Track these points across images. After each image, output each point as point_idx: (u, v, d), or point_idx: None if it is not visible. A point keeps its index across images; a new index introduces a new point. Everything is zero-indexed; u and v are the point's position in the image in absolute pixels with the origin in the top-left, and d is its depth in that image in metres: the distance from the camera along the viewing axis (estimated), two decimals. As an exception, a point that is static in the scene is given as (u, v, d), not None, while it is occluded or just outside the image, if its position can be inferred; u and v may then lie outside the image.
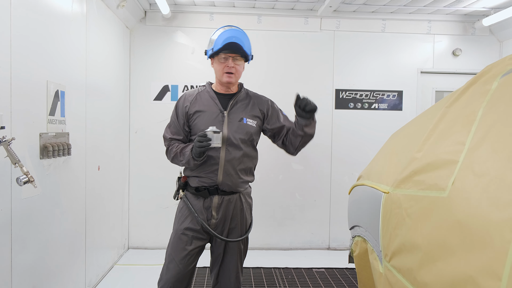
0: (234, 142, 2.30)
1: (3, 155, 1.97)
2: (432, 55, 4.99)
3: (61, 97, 2.80)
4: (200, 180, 2.32)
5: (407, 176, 1.70)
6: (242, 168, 2.35)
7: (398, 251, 1.60)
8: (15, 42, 2.21)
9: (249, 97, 2.47)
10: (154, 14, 4.67)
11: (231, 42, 2.24)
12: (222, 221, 2.35)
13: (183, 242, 2.32)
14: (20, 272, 2.30)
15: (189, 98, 2.41)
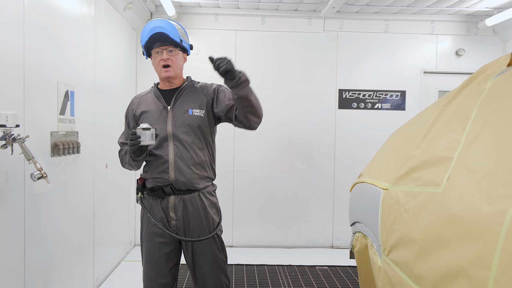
0: (180, 136, 2.18)
1: (17, 152, 2.05)
2: (435, 55, 5.03)
3: (71, 97, 2.88)
4: (154, 180, 2.22)
5: (405, 173, 1.76)
6: (196, 163, 2.20)
7: (396, 245, 1.67)
8: (28, 45, 2.30)
9: (194, 88, 2.32)
10: (160, 16, 4.75)
11: (156, 33, 2.12)
12: (182, 221, 2.20)
13: (151, 250, 2.24)
14: (32, 265, 2.39)
15: (135, 101, 2.35)
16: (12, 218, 2.17)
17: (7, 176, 2.10)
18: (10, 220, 2.15)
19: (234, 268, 4.17)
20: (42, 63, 2.48)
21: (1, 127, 1.83)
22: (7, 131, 1.85)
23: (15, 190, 2.18)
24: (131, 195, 4.68)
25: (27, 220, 2.32)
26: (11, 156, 2.06)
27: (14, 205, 2.18)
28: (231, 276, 3.95)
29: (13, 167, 2.16)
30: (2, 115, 1.82)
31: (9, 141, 1.87)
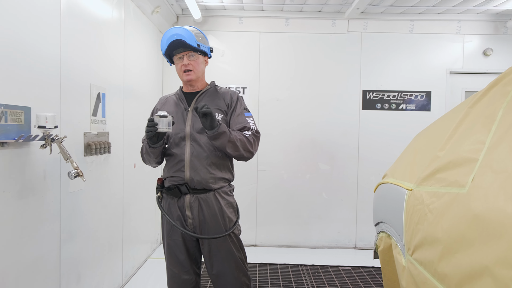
0: (197, 137, 2.25)
1: (55, 152, 2.16)
2: (462, 55, 4.98)
3: (102, 99, 3.00)
4: (171, 179, 2.29)
5: (429, 174, 1.79)
6: (211, 163, 2.26)
7: (420, 245, 1.69)
8: (64, 48, 2.41)
9: (216, 92, 2.42)
10: (186, 19, 4.85)
11: (174, 40, 2.23)
12: (198, 220, 2.26)
13: (172, 248, 2.31)
14: (67, 260, 2.50)
15: (161, 101, 2.48)
16: (49, 215, 2.28)
17: (44, 175, 2.21)
18: (47, 216, 2.26)
19: (257, 267, 4.23)
20: (76, 66, 2.59)
21: (41, 128, 1.94)
22: (46, 132, 1.96)
23: (51, 188, 2.30)
24: (158, 194, 4.79)
25: (62, 216, 2.44)
26: (48, 156, 2.17)
27: (51, 202, 2.29)
28: (255, 275, 4.01)
29: (50, 166, 2.27)
30: (42, 117, 1.93)
31: (48, 141, 1.98)
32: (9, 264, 1.94)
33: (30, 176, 2.07)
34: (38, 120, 1.93)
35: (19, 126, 1.91)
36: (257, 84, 4.93)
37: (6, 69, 1.88)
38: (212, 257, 2.28)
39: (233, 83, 4.81)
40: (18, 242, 2.00)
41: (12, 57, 1.92)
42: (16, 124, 1.88)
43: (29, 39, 2.05)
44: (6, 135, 1.81)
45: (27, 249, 2.08)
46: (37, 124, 1.94)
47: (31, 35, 2.08)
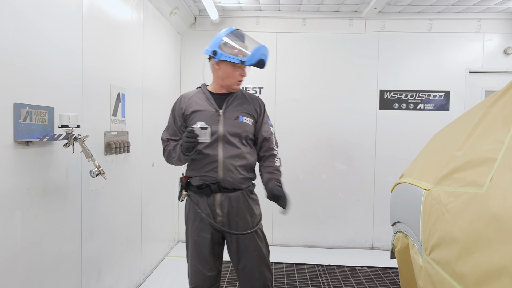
0: (230, 139, 2.31)
1: (77, 151, 2.22)
2: (482, 54, 4.91)
3: (122, 99, 3.06)
4: (201, 179, 2.32)
5: (447, 173, 1.78)
6: (242, 165, 2.34)
7: (437, 244, 1.69)
8: (86, 49, 2.47)
9: (244, 96, 2.49)
10: (203, 20, 4.90)
11: (262, 60, 2.31)
12: (227, 218, 2.32)
13: (199, 245, 2.35)
14: (88, 257, 2.56)
15: (186, 99, 2.45)
16: (71, 212, 2.34)
17: (67, 173, 2.27)
18: (69, 213, 2.33)
19: (274, 266, 4.25)
20: (97, 67, 2.65)
21: (64, 127, 1.99)
22: (69, 131, 2.02)
23: (73, 186, 2.36)
24: (175, 193, 4.85)
25: (83, 214, 2.50)
26: (71, 155, 2.23)
27: (73, 199, 2.35)
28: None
29: (72, 165, 2.33)
30: (65, 117, 1.98)
31: (71, 140, 2.03)
32: (33, 260, 2.00)
33: (53, 174, 2.13)
34: (61, 119, 1.99)
35: (43, 126, 1.97)
36: (273, 84, 4.94)
37: (30, 71, 1.94)
38: (239, 252, 2.35)
39: (249, 83, 4.84)
40: (41, 239, 2.06)
41: (36, 59, 1.98)
42: (40, 124, 1.94)
43: (52, 42, 2.12)
44: (31, 135, 1.87)
45: (50, 246, 2.14)
46: (60, 123, 2.00)
47: (54, 38, 2.14)
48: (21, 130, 1.81)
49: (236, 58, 2.30)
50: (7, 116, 1.76)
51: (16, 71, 1.83)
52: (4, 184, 1.76)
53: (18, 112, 1.80)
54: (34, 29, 1.96)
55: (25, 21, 1.89)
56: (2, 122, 1.73)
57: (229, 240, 2.37)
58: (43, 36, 2.03)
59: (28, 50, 1.91)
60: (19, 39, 1.85)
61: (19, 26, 1.85)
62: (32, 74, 1.94)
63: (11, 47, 1.79)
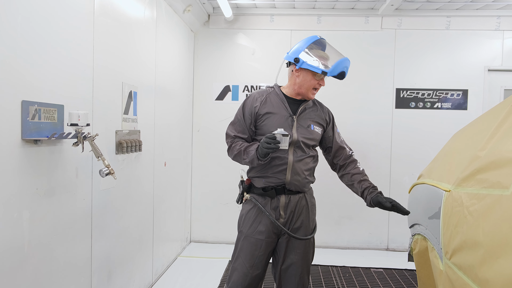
0: (302, 145, 2.36)
1: (87, 150, 2.18)
2: (501, 52, 4.77)
3: (134, 97, 3.02)
4: (267, 181, 2.35)
5: (469, 174, 1.70)
6: (307, 169, 2.40)
7: (459, 248, 1.61)
8: (97, 46, 2.44)
9: (316, 105, 2.53)
10: (217, 17, 4.86)
11: (344, 72, 2.36)
12: (289, 220, 2.37)
13: (254, 247, 2.35)
14: (98, 257, 2.54)
15: (259, 99, 2.42)
16: (80, 212, 2.31)
17: (77, 172, 2.24)
18: (79, 213, 2.30)
19: (287, 267, 4.18)
20: (108, 65, 2.62)
21: (73, 126, 1.96)
22: (78, 129, 1.98)
23: (83, 185, 2.33)
24: (187, 193, 4.83)
25: (94, 214, 2.47)
26: (81, 154, 2.20)
27: (83, 199, 2.32)
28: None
29: (82, 164, 2.30)
30: (74, 115, 1.95)
31: (80, 139, 2.00)
32: (42, 261, 1.97)
33: (62, 173, 2.10)
34: (70, 118, 1.96)
35: (52, 124, 1.93)
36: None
37: (40, 67, 1.91)
38: (287, 252, 2.39)
39: (263, 82, 4.78)
40: (50, 240, 2.03)
41: (45, 55, 1.95)
42: (49, 122, 1.91)
43: (62, 38, 2.08)
44: (39, 133, 1.84)
45: (59, 247, 2.11)
46: (69, 122, 1.96)
47: (65, 33, 2.11)
48: (29, 129, 1.78)
49: (318, 69, 2.30)
50: (15, 114, 1.72)
51: (24, 68, 1.79)
52: (11, 184, 1.73)
53: (26, 110, 1.76)
54: (43, 23, 1.93)
55: (34, 15, 1.86)
56: (9, 120, 1.70)
57: (281, 240, 2.41)
58: (53, 31, 2.00)
59: (37, 45, 1.88)
60: (28, 34, 1.81)
61: (27, 20, 1.81)
62: (41, 70, 1.91)
63: (19, 42, 1.76)
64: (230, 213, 4.91)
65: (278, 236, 2.40)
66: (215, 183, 4.97)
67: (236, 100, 4.87)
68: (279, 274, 2.43)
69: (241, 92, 4.90)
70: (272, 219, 2.29)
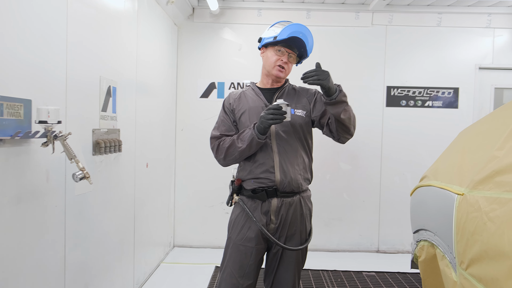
0: (284, 135, 2.16)
1: (58, 151, 1.95)
2: (492, 50, 4.68)
3: (113, 93, 2.79)
4: (257, 181, 2.16)
5: (486, 176, 1.54)
6: (299, 162, 2.18)
7: (478, 258, 1.45)
8: (71, 37, 2.21)
9: (295, 90, 2.35)
10: (202, 11, 4.64)
11: (297, 37, 2.13)
12: (280, 226, 2.17)
13: (244, 256, 2.17)
14: (73, 268, 2.30)
15: (234, 97, 2.32)
16: (52, 220, 2.07)
17: (47, 176, 2.00)
18: (50, 222, 2.06)
19: (276, 272, 4.00)
20: (85, 56, 2.38)
21: (42, 123, 1.72)
22: (48, 127, 1.75)
23: (55, 190, 2.09)
24: (170, 195, 4.60)
25: (68, 222, 2.23)
26: (52, 155, 1.96)
27: (55, 206, 2.09)
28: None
29: (54, 167, 2.06)
30: (43, 110, 1.71)
31: (50, 138, 1.76)
32: (8, 275, 1.73)
33: (30, 177, 1.86)
34: (39, 114, 1.72)
35: (17, 121, 1.69)
36: (275, 79, 4.68)
37: (3, 57, 1.67)
38: (281, 261, 2.22)
39: (249, 79, 4.57)
40: (17, 252, 1.79)
41: (11, 43, 1.71)
42: (14, 119, 1.67)
43: (29, 26, 1.85)
44: (3, 131, 1.60)
45: (28, 259, 1.87)
46: (38, 119, 1.73)
47: (34, 20, 1.87)
48: (-11, 126, 1.55)
49: (271, 37, 2.18)
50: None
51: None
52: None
53: (-14, 105, 1.53)
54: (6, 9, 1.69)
55: (-3, 0, 1.63)
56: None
57: (273, 248, 2.23)
58: (19, 17, 1.76)
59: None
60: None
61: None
62: (4, 61, 1.67)
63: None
64: (215, 215, 4.70)
65: (269, 241, 2.21)
66: (200, 184, 4.75)
67: (222, 97, 4.65)
68: (271, 283, 2.27)
69: (227, 89, 4.69)
70: (261, 229, 2.10)
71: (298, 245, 2.21)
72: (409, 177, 4.73)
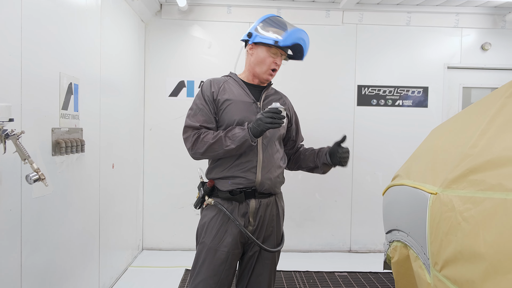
0: (269, 135, 2.10)
1: (11, 151, 1.81)
2: (460, 50, 4.75)
3: (75, 91, 2.65)
4: (234, 182, 2.04)
5: (460, 175, 1.51)
6: (279, 166, 2.15)
7: (453, 259, 1.41)
8: (26, 26, 2.06)
9: (278, 94, 2.32)
10: (170, 7, 4.51)
11: (300, 45, 2.10)
12: (258, 228, 2.10)
13: (220, 261, 2.05)
14: (30, 275, 2.15)
15: (216, 85, 2.14)
16: (6, 225, 1.93)
17: (0, 178, 1.86)
18: (4, 227, 1.91)
19: (248, 274, 3.92)
20: (42, 50, 2.23)
21: (-8, 121, 1.59)
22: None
23: (10, 193, 1.95)
24: (139, 197, 4.45)
25: (24, 227, 2.08)
26: (5, 155, 1.82)
27: (9, 210, 1.94)
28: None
29: (8, 168, 1.92)
30: (-7, 107, 1.59)
31: (1, 137, 1.63)
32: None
33: (-19, 179, 1.72)
34: (-12, 111, 1.59)
35: (-37, 119, 1.56)
36: (246, 78, 4.60)
37: None
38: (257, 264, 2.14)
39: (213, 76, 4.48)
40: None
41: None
42: (-41, 116, 1.54)
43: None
44: None
45: (-21, 267, 1.73)
46: (-14, 116, 1.60)
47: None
48: None
49: (271, 39, 2.06)
50: None
51: None
52: None
53: None
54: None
55: None
56: None
57: (249, 252, 2.14)
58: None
59: None
60: None
61: None
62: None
63: None
64: (186, 217, 4.58)
65: (245, 245, 2.13)
66: (169, 185, 4.61)
67: (192, 96, 4.53)
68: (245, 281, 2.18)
69: (196, 88, 4.58)
70: (244, 231, 2.00)
71: (274, 246, 2.15)
72: (380, 176, 4.74)
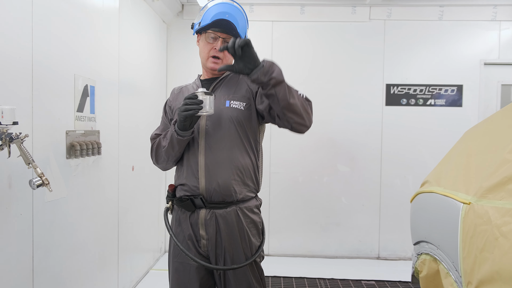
0: (214, 133, 1.77)
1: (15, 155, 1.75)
2: (498, 45, 4.47)
3: (91, 93, 2.60)
4: (183, 188, 1.82)
5: (497, 183, 1.34)
6: (233, 166, 1.77)
7: (489, 279, 1.25)
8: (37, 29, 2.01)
9: (238, 77, 1.89)
10: (191, 7, 4.45)
11: (222, 19, 1.73)
12: (214, 241, 1.78)
13: (182, 277, 1.84)
14: (43, 281, 2.11)
15: (173, 93, 2.00)
16: (17, 230, 1.89)
17: (10, 182, 1.82)
18: (14, 232, 1.87)
19: (270, 280, 3.80)
20: (55, 52, 2.19)
21: (-5, 124, 1.54)
22: (2, 129, 1.56)
23: (20, 197, 1.90)
24: (161, 199, 4.40)
25: (36, 231, 2.04)
26: (15, 159, 1.77)
27: (20, 214, 1.90)
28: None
29: (18, 171, 1.87)
30: (-4, 110, 1.53)
31: (5, 141, 1.58)
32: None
33: (-13, 184, 1.68)
34: (-9, 114, 1.54)
35: (-34, 122, 1.51)
36: (269, 78, 4.48)
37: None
38: (226, 284, 1.83)
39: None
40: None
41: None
42: (-39, 120, 1.49)
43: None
44: None
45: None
46: (-11, 119, 1.55)
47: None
48: None
49: (196, 24, 1.85)
50: None
51: None
52: None
53: None
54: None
55: None
56: None
57: (216, 272, 1.86)
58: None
59: None
60: None
61: None
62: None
63: None
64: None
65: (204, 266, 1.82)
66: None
67: (214, 97, 4.45)
68: None
69: (219, 88, 4.49)
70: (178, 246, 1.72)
71: (244, 259, 1.79)
72: (410, 180, 4.52)
